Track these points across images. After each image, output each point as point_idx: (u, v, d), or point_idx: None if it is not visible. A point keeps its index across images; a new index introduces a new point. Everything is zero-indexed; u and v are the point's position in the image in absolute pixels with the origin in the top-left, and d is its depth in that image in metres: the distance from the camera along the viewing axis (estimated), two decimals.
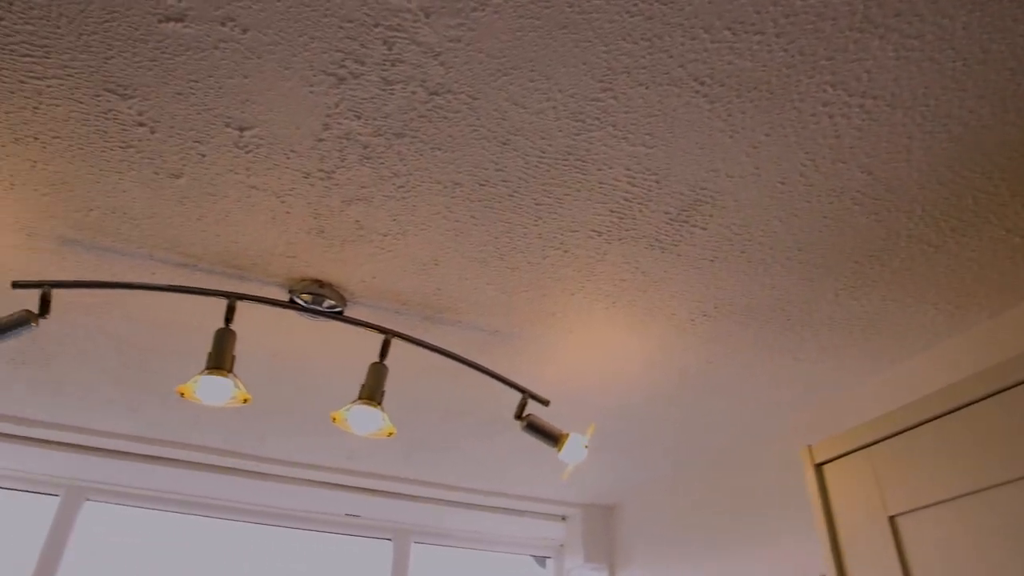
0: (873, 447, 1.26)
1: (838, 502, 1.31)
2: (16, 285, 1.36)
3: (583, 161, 1.19)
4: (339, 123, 1.13)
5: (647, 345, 1.74)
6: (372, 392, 1.52)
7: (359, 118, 1.12)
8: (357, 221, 1.35)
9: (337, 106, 1.10)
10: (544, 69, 1.03)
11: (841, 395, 1.99)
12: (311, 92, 1.08)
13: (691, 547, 2.49)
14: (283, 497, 2.85)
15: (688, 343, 1.73)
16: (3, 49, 1.04)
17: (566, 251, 1.42)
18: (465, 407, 2.12)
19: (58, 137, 1.19)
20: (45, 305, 1.38)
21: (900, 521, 1.18)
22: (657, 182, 1.23)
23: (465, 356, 1.74)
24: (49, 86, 1.10)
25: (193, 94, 1.10)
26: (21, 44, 1.03)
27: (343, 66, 1.03)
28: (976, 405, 1.13)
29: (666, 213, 1.31)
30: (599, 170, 1.21)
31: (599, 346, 1.75)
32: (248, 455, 2.57)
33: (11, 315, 1.33)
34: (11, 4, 0.97)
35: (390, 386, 2.01)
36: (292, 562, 2.95)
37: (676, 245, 1.39)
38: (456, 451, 2.47)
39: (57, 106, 1.13)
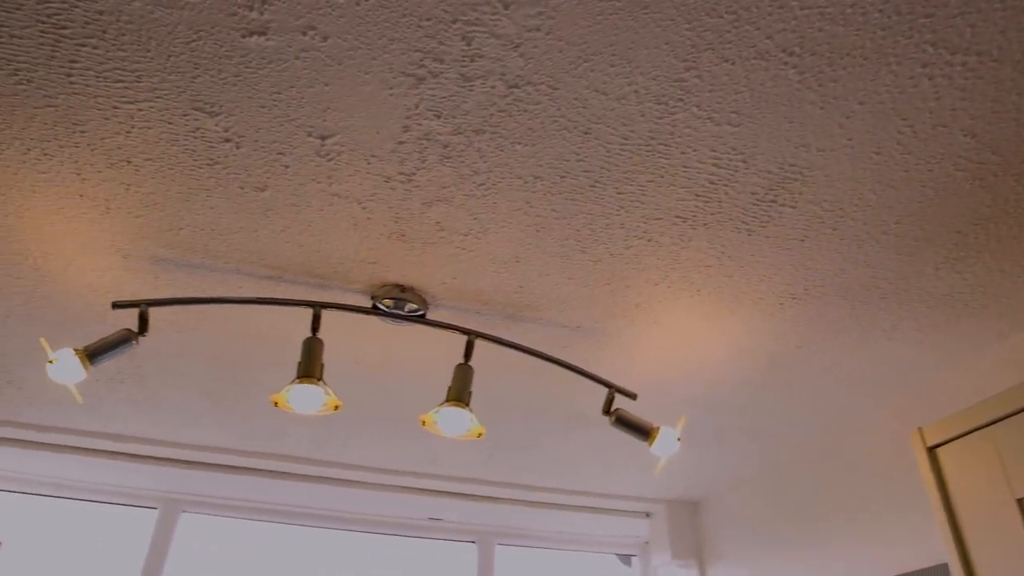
0: (994, 426, 1.19)
1: (957, 486, 1.24)
2: (116, 305, 1.41)
3: (666, 145, 1.16)
4: (419, 124, 1.13)
5: (734, 332, 1.69)
6: (460, 393, 1.52)
7: (439, 117, 1.12)
8: (438, 222, 1.35)
9: (417, 107, 1.10)
10: (625, 53, 1.00)
11: (942, 375, 1.89)
12: (391, 95, 1.08)
13: (788, 539, 2.41)
14: (367, 503, 2.89)
15: (777, 328, 1.67)
16: (98, 77, 1.07)
17: (650, 240, 1.38)
18: (546, 404, 2.11)
19: (150, 159, 1.23)
20: (143, 323, 1.42)
21: None
22: (744, 161, 1.19)
23: (548, 353, 1.73)
24: (140, 109, 1.13)
25: (276, 106, 1.11)
26: (114, 71, 1.06)
27: (422, 66, 1.03)
28: None
29: (753, 194, 1.26)
30: (683, 153, 1.18)
31: (684, 336, 1.71)
32: (332, 462, 2.61)
33: (113, 334, 1.38)
34: (104, 32, 1.00)
35: (477, 387, 2.01)
36: (379, 567, 2.99)
37: (764, 226, 1.34)
38: (538, 450, 2.45)
39: (148, 128, 1.17)
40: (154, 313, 1.70)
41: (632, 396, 1.63)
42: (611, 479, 2.72)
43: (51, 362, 1.32)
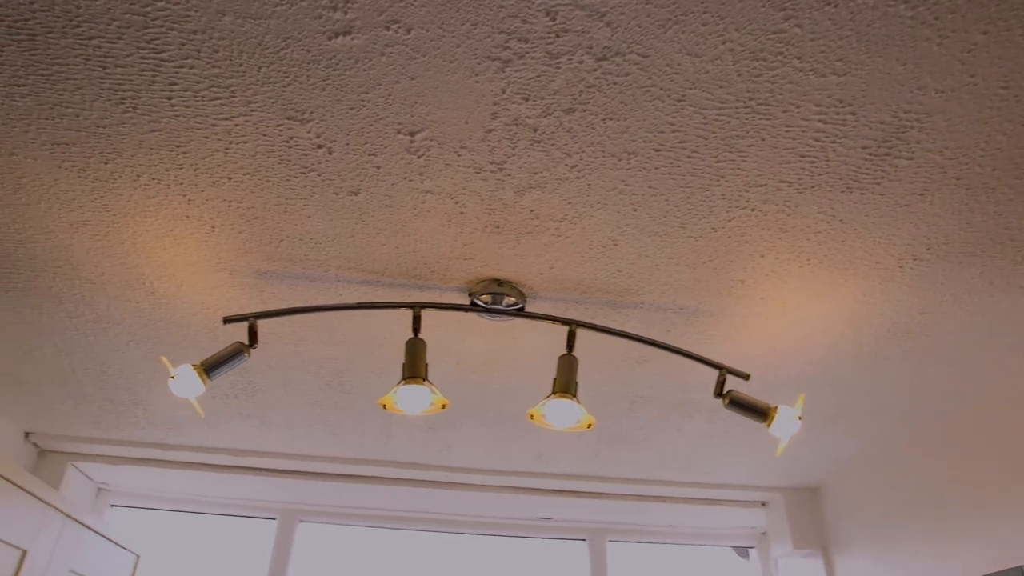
0: None
1: None
2: (227, 320, 1.46)
3: (766, 105, 1.09)
4: (507, 109, 1.11)
5: (848, 301, 1.59)
6: (567, 384, 1.49)
7: (527, 100, 1.09)
8: (531, 211, 1.33)
9: (504, 91, 1.08)
10: (718, 9, 0.95)
11: None
12: (476, 82, 1.07)
13: (919, 525, 2.25)
14: (476, 505, 2.90)
15: (897, 294, 1.56)
16: (196, 96, 1.11)
17: (753, 209, 1.31)
18: (652, 393, 2.05)
19: (248, 174, 1.26)
20: (253, 336, 1.47)
21: None
22: (853, 114, 1.11)
23: (652, 337, 1.67)
24: (236, 125, 1.16)
25: (364, 106, 1.12)
26: (210, 88, 1.09)
27: (507, 47, 1.01)
28: None
29: (864, 148, 1.17)
30: (785, 112, 1.11)
31: (794, 310, 1.62)
32: (439, 466, 2.64)
33: (226, 348, 1.43)
34: (199, 52, 1.03)
35: (581, 379, 1.97)
36: (491, 569, 2.99)
37: (878, 183, 1.25)
38: (646, 442, 2.39)
39: (245, 143, 1.20)
40: (262, 326, 1.75)
41: (745, 376, 1.55)
42: (724, 469, 2.63)
43: (172, 378, 1.38)
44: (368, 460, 2.61)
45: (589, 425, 1.49)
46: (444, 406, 1.47)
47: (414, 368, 1.45)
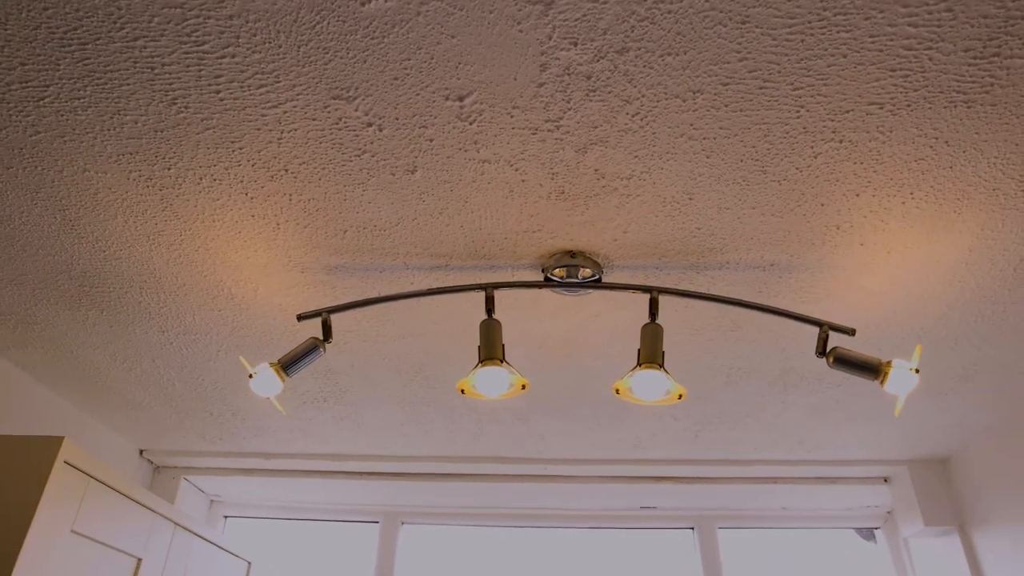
0: None
1: None
2: (300, 317, 1.46)
3: (844, 14, 0.97)
4: (555, 58, 1.04)
5: (964, 238, 1.41)
6: (653, 355, 1.39)
7: (575, 45, 1.02)
8: (596, 170, 1.25)
9: (550, 38, 1.01)
10: None
11: None
12: (520, 31, 1.00)
13: None
14: (577, 497, 2.83)
15: (1021, 222, 1.37)
16: (242, 86, 1.10)
17: (840, 140, 1.18)
18: (749, 364, 1.91)
19: (304, 163, 1.25)
20: (327, 330, 1.45)
21: None
22: (949, 10, 0.97)
23: (741, 299, 1.55)
24: (285, 112, 1.15)
25: (408, 75, 1.07)
26: (254, 76, 1.08)
27: None
28: None
29: (967, 51, 1.03)
30: (867, 20, 0.98)
31: (902, 255, 1.46)
32: (534, 459, 2.58)
33: (301, 344, 1.42)
34: (238, 38, 1.02)
35: (669, 357, 1.86)
36: (597, 561, 2.90)
37: (986, 92, 1.09)
38: (748, 419, 2.25)
39: (296, 130, 1.18)
40: (340, 326, 1.75)
41: (850, 332, 1.41)
42: (839, 443, 2.44)
43: (251, 376, 1.38)
44: (463, 457, 2.58)
45: (680, 396, 1.39)
46: (524, 387, 1.40)
47: (491, 350, 1.40)
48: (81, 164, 1.27)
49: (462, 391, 1.40)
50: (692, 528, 2.91)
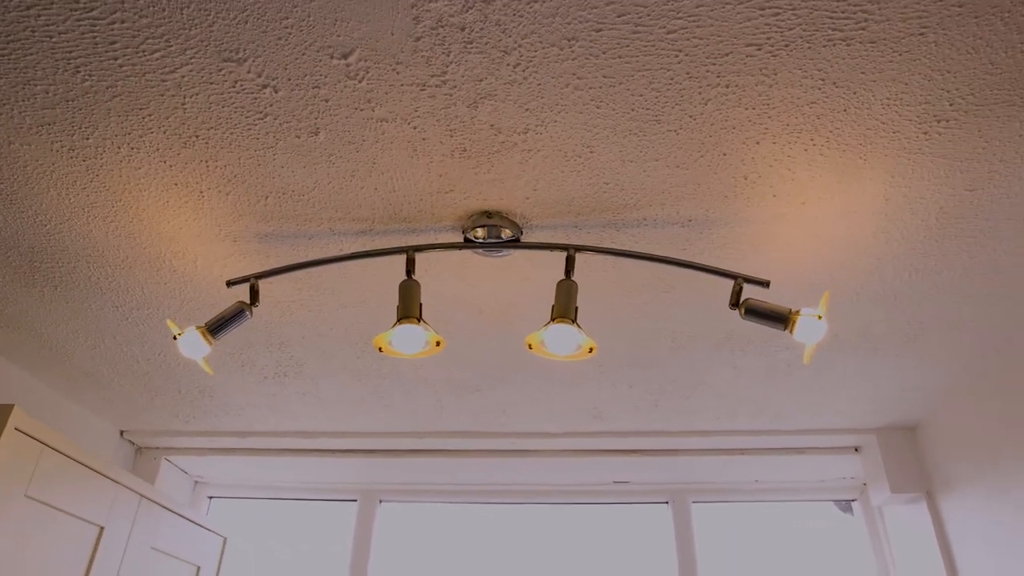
0: None
1: None
2: (230, 283, 1.51)
3: None
4: (426, 10, 1.07)
5: (878, 187, 1.41)
6: (565, 310, 1.42)
7: None
8: (491, 125, 1.28)
9: None
10: None
11: None
12: None
13: None
14: (549, 473, 2.85)
15: (932, 169, 1.37)
16: (137, 52, 1.14)
17: (727, 85, 1.20)
18: (691, 328, 1.92)
19: (211, 128, 1.29)
20: (254, 295, 1.50)
21: None
22: None
23: (657, 254, 1.56)
24: (183, 76, 1.19)
25: (291, 34, 1.11)
26: (146, 41, 1.13)
27: None
28: None
29: None
30: None
31: (816, 205, 1.47)
32: (499, 433, 2.61)
33: (227, 309, 1.47)
34: (123, 2, 1.06)
35: (608, 323, 1.89)
36: (572, 537, 2.93)
37: (863, 28, 1.10)
38: (702, 386, 2.26)
39: (196, 94, 1.22)
40: (282, 296, 1.80)
41: (764, 283, 1.42)
42: (804, 412, 2.43)
43: (175, 338, 1.43)
44: (429, 433, 2.63)
45: (591, 350, 1.41)
46: (439, 343, 1.44)
47: (407, 309, 1.43)
48: (4, 137, 1.33)
49: (380, 349, 1.44)
50: (667, 502, 2.92)
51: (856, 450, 2.68)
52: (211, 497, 3.03)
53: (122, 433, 2.72)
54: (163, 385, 2.33)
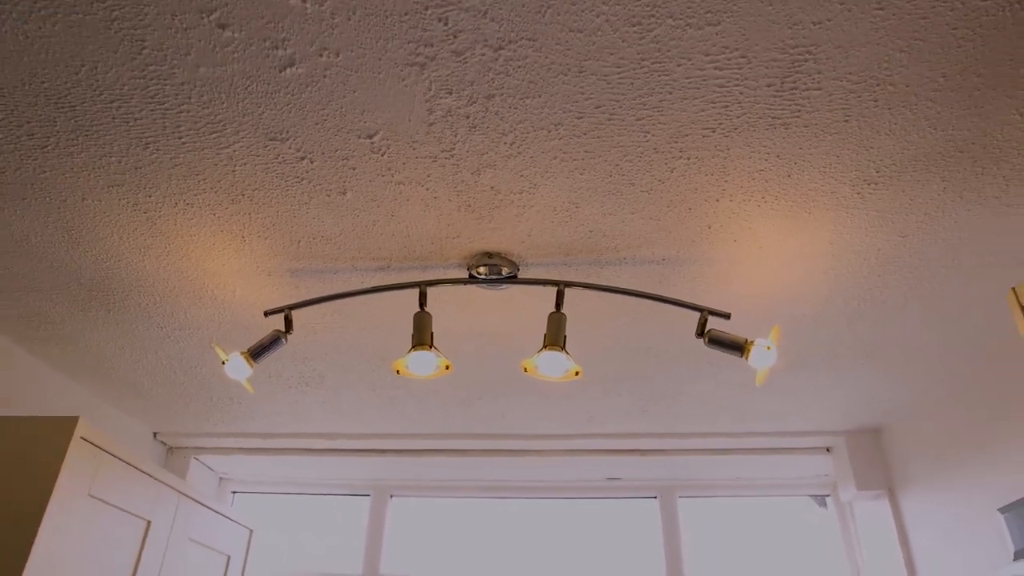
0: None
1: None
2: (267, 313, 1.75)
3: (660, 62, 1.22)
4: (438, 103, 1.31)
5: (824, 234, 1.65)
6: (555, 338, 1.66)
7: (451, 93, 1.29)
8: (491, 187, 1.52)
9: (430, 89, 1.28)
10: None
11: None
12: (405, 85, 1.27)
13: (974, 456, 2.22)
14: (547, 471, 3.10)
15: (868, 220, 1.61)
16: (198, 133, 1.38)
17: (688, 158, 1.43)
18: (673, 346, 2.17)
19: (256, 189, 1.53)
20: (288, 324, 1.74)
21: None
22: (743, 56, 1.22)
23: (645, 291, 1.80)
24: (234, 151, 1.43)
25: (327, 120, 1.35)
26: (206, 124, 1.37)
27: (418, 54, 1.21)
28: None
29: (769, 86, 1.27)
30: (679, 66, 1.23)
31: (773, 248, 1.70)
32: (501, 435, 2.86)
33: (266, 336, 1.71)
34: (189, 98, 1.30)
35: (598, 342, 2.13)
36: (567, 530, 3.18)
37: (797, 116, 1.34)
38: (685, 396, 2.50)
39: (244, 164, 1.46)
40: (310, 320, 2.04)
41: (725, 315, 1.66)
42: (780, 416, 2.68)
43: (224, 363, 1.68)
44: (438, 434, 2.88)
45: (577, 373, 1.65)
46: (448, 367, 1.68)
47: (421, 337, 1.68)
48: (80, 194, 1.57)
49: (397, 371, 1.68)
50: (655, 497, 3.17)
51: (828, 451, 2.93)
52: (234, 492, 3.29)
53: (155, 435, 2.98)
54: (196, 394, 2.58)
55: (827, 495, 3.11)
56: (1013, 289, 1.25)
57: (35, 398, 2.37)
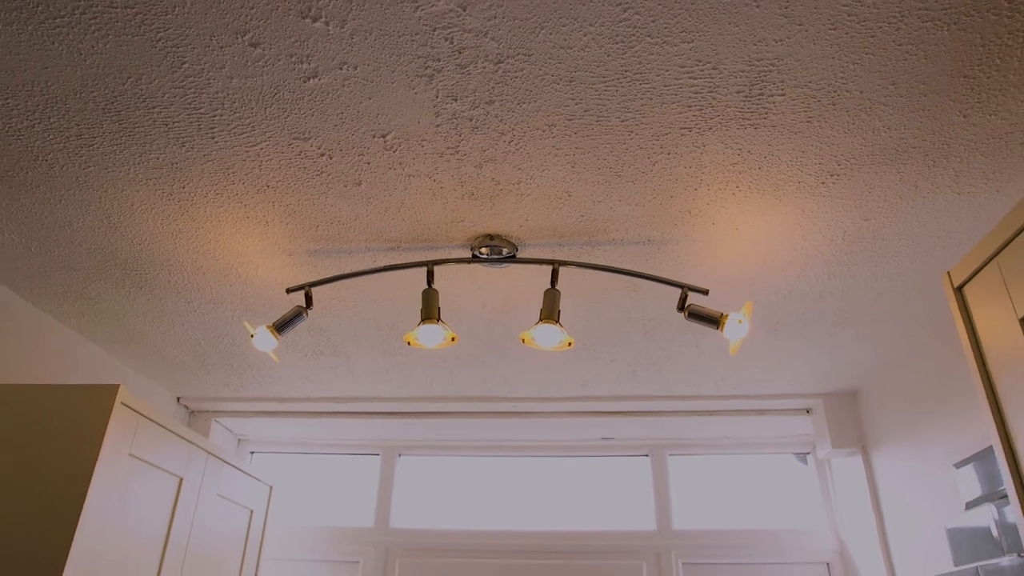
0: (1000, 254, 1.26)
1: (980, 322, 1.33)
2: (289, 290, 1.93)
3: (640, 74, 1.38)
4: (444, 108, 1.47)
5: (793, 217, 1.82)
6: (550, 312, 1.84)
7: (455, 100, 1.45)
8: (493, 179, 1.69)
9: (437, 96, 1.44)
10: (569, 12, 1.26)
11: None
12: (415, 93, 1.43)
13: (936, 416, 2.43)
14: (546, 431, 3.32)
15: (832, 205, 1.78)
16: (230, 134, 1.55)
17: (668, 153, 1.60)
18: (658, 317, 2.35)
19: (280, 181, 1.70)
20: (308, 300, 1.93)
21: None
22: (715, 68, 1.37)
23: (633, 269, 1.98)
24: (261, 148, 1.59)
25: (344, 122, 1.51)
26: (237, 126, 1.53)
27: (427, 67, 1.37)
28: None
29: (739, 92, 1.43)
30: (658, 76, 1.39)
31: (748, 230, 1.88)
32: (502, 398, 3.06)
33: (289, 311, 1.90)
34: (223, 104, 1.46)
35: (590, 313, 2.32)
36: (565, 486, 3.41)
37: (765, 118, 1.50)
38: (672, 361, 2.69)
39: (270, 159, 1.63)
40: (326, 294, 2.22)
41: (703, 291, 1.84)
42: (763, 380, 2.88)
43: (252, 336, 1.87)
44: (443, 397, 3.08)
45: (569, 344, 1.84)
46: (454, 339, 1.87)
47: (429, 312, 1.86)
48: (120, 186, 1.74)
49: (408, 342, 1.87)
50: (647, 455, 3.39)
51: (808, 412, 3.14)
52: (252, 452, 3.52)
53: (179, 399, 3.19)
54: (218, 361, 2.78)
55: (807, 452, 3.34)
56: (948, 273, 1.42)
57: (70, 366, 2.57)
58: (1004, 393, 1.25)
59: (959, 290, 1.39)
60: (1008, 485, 1.22)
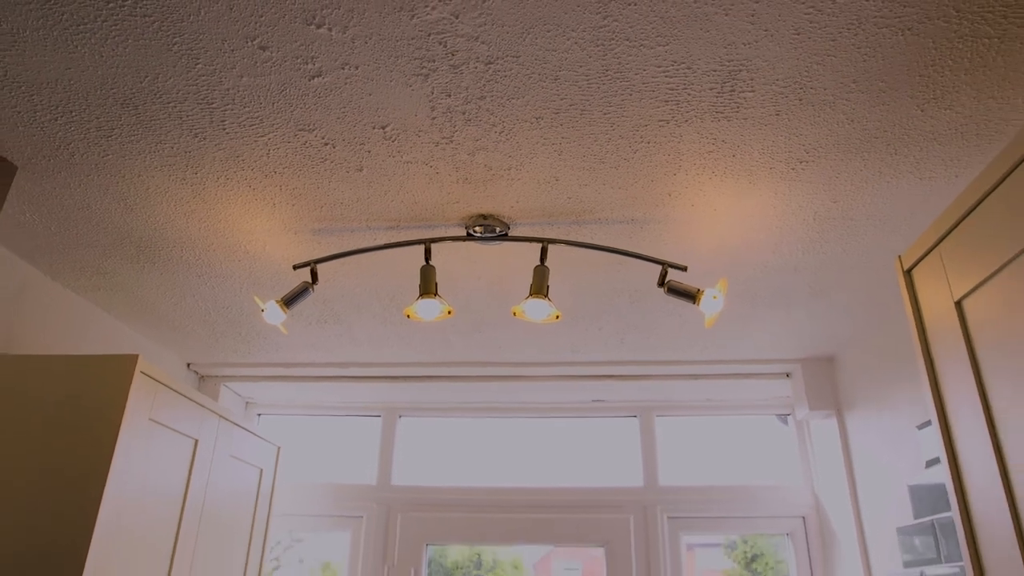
0: (941, 243, 1.39)
1: (924, 304, 1.46)
2: (296, 267, 2.07)
3: (620, 72, 1.50)
4: (439, 103, 1.58)
5: (767, 198, 1.95)
6: (540, 287, 1.98)
7: (449, 96, 1.56)
8: (485, 165, 1.81)
9: (432, 93, 1.55)
10: (552, 19, 1.37)
11: None
12: (412, 90, 1.54)
13: (908, 384, 2.59)
14: (540, 393, 3.49)
15: (803, 188, 1.90)
16: (240, 124, 1.66)
17: (648, 142, 1.72)
18: (643, 288, 2.49)
19: (286, 167, 1.82)
20: (314, 276, 2.06)
21: (965, 304, 1.31)
22: (688, 68, 1.49)
23: (617, 246, 2.11)
24: (269, 139, 1.71)
25: (347, 115, 1.63)
26: (248, 117, 1.64)
27: (423, 67, 1.48)
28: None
29: (711, 89, 1.55)
30: (636, 75, 1.50)
31: (726, 211, 2.00)
32: (497, 362, 3.22)
33: (296, 286, 2.03)
34: (234, 100, 1.58)
35: (578, 285, 2.46)
36: (558, 444, 3.60)
37: (737, 111, 1.61)
38: (657, 328, 2.85)
39: (278, 148, 1.75)
40: (331, 268, 2.36)
41: (682, 268, 1.98)
42: (745, 345, 3.03)
43: (262, 311, 2.00)
44: (441, 362, 3.24)
45: (557, 316, 1.98)
46: (450, 312, 2.01)
47: (427, 287, 2.00)
48: (136, 172, 1.86)
49: (408, 315, 2.01)
50: (635, 416, 3.57)
51: (787, 375, 3.30)
52: (259, 414, 3.69)
53: (188, 365, 3.34)
54: (227, 330, 2.92)
55: (788, 414, 3.52)
56: (899, 257, 1.56)
57: (87, 335, 2.71)
58: (941, 369, 1.39)
59: (908, 273, 1.53)
60: (941, 452, 1.37)
